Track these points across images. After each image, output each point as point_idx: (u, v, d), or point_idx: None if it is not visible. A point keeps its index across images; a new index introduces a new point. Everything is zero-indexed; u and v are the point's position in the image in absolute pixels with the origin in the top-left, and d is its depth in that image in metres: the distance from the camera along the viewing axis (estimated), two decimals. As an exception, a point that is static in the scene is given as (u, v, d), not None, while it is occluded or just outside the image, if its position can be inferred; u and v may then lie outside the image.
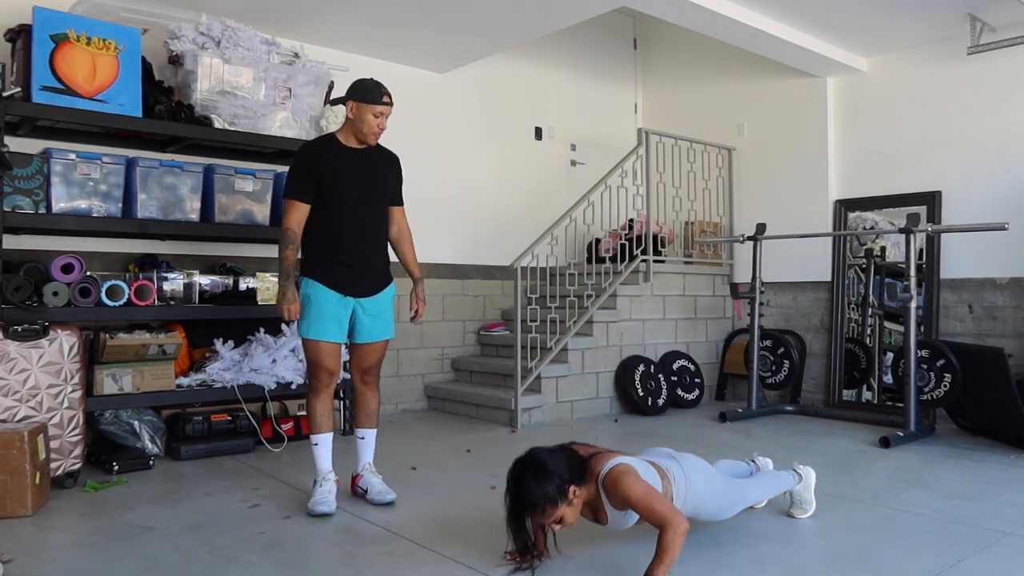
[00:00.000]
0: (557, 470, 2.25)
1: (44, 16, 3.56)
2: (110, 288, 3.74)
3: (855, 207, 5.70)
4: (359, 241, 3.10)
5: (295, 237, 3.02)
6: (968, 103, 5.15)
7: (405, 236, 3.33)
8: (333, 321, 3.05)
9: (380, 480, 3.19)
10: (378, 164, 3.16)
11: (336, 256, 3.06)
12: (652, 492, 2.25)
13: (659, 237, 5.83)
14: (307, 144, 3.21)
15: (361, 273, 3.10)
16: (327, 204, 3.04)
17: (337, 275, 3.05)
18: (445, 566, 2.45)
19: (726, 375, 6.17)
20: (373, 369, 3.22)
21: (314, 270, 3.07)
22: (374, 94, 3.02)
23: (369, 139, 3.08)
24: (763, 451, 3.34)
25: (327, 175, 3.02)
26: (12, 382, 3.23)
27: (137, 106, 3.83)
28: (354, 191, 3.07)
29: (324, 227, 3.06)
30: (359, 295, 3.10)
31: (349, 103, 3.05)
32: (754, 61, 5.96)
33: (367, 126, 3.04)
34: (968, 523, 2.88)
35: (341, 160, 3.06)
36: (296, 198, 3.03)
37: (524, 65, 6.29)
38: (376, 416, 3.28)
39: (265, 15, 4.56)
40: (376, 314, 3.14)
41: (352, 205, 3.06)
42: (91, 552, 2.59)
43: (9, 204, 3.53)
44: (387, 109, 3.05)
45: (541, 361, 5.08)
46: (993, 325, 4.98)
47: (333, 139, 3.13)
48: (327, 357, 3.06)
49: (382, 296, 3.17)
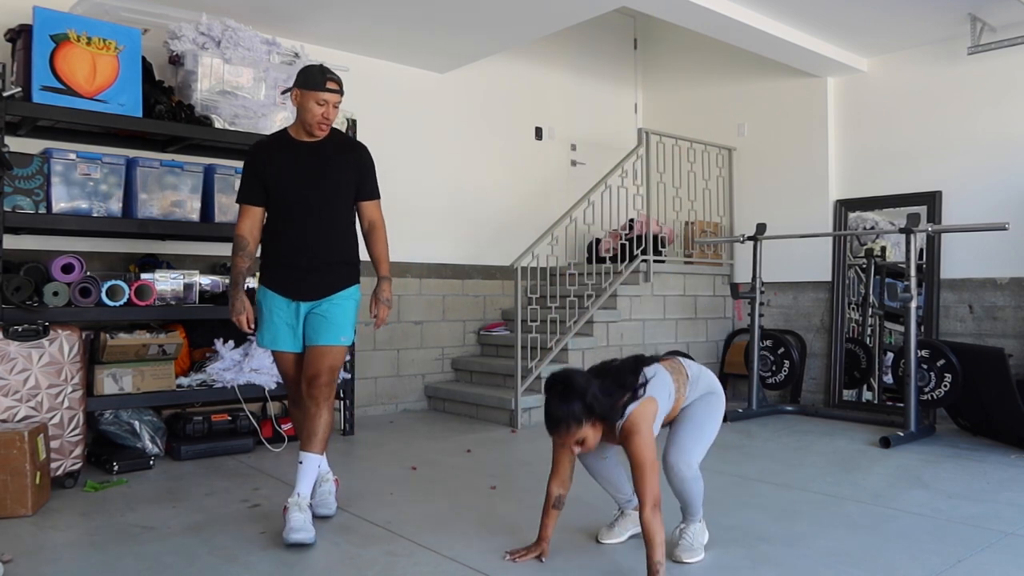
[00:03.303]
0: (583, 396, 2.27)
1: (44, 16, 3.56)
2: (110, 288, 3.74)
3: (855, 207, 5.70)
4: (306, 241, 2.84)
5: (245, 243, 2.85)
6: (968, 103, 5.15)
7: (377, 231, 3.01)
8: (286, 329, 2.86)
9: (305, 517, 2.66)
10: (333, 156, 2.88)
11: (281, 259, 2.86)
12: (653, 463, 2.29)
13: (659, 237, 5.83)
14: (256, 143, 3.01)
15: (308, 274, 2.84)
16: (275, 205, 2.85)
17: (283, 279, 2.85)
18: (445, 566, 2.45)
19: (726, 375, 6.16)
20: (318, 379, 2.80)
21: (266, 276, 2.89)
22: (317, 80, 2.75)
23: (315, 130, 2.81)
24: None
25: (271, 174, 2.83)
26: (12, 382, 3.23)
27: (137, 106, 3.83)
28: (298, 187, 2.83)
29: (273, 229, 2.88)
30: (307, 298, 2.84)
31: (294, 92, 2.81)
32: (754, 61, 5.96)
33: (311, 115, 2.78)
34: (968, 523, 2.88)
35: (288, 156, 2.84)
36: (246, 202, 2.87)
37: (524, 65, 6.30)
38: (322, 439, 2.83)
39: (265, 15, 4.56)
40: (327, 317, 2.83)
41: (297, 203, 2.83)
42: (91, 552, 2.59)
43: (9, 204, 3.53)
44: (333, 97, 2.78)
45: (541, 361, 5.08)
46: (993, 325, 4.98)
47: (284, 134, 2.91)
48: (286, 366, 2.90)
49: (338, 298, 2.87)
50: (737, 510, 3.03)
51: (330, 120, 2.82)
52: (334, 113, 2.81)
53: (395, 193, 5.46)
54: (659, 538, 2.22)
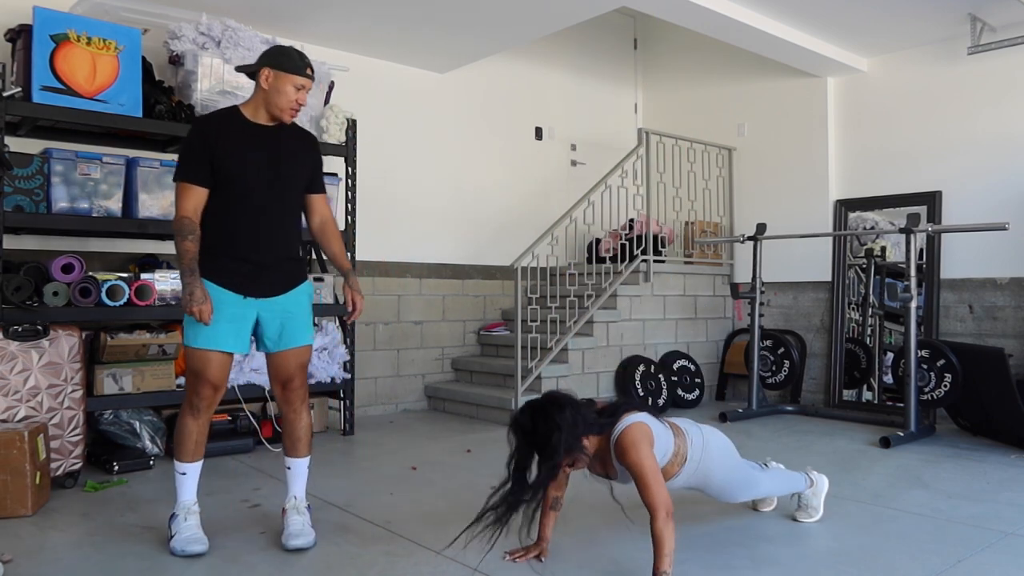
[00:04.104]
0: (576, 411, 2.27)
1: (44, 16, 3.56)
2: (110, 288, 3.74)
3: (855, 207, 5.70)
4: (264, 233, 2.65)
5: (193, 226, 2.54)
6: (968, 103, 5.15)
7: (330, 227, 2.85)
8: (230, 327, 2.58)
9: (303, 520, 2.68)
10: (292, 145, 2.72)
11: (235, 251, 2.61)
12: (656, 473, 2.26)
13: (659, 237, 5.83)
14: (202, 118, 2.76)
15: (265, 269, 2.64)
16: (225, 189, 2.60)
17: (236, 273, 2.60)
18: (445, 566, 2.46)
19: (726, 375, 6.17)
20: (295, 381, 2.70)
21: (208, 268, 2.57)
22: (297, 63, 2.60)
23: (285, 116, 2.64)
24: (763, 451, 3.34)
25: (225, 155, 2.58)
26: (12, 382, 3.23)
27: (137, 106, 3.83)
28: (259, 175, 2.62)
29: (222, 217, 2.61)
30: (264, 295, 2.64)
31: (264, 71, 2.60)
32: (754, 61, 5.96)
33: (285, 99, 2.60)
34: (968, 523, 2.88)
35: (244, 138, 2.62)
36: (190, 181, 2.57)
37: (524, 65, 6.30)
38: (308, 442, 2.77)
39: (265, 15, 4.56)
40: (290, 315, 2.68)
41: (256, 191, 2.62)
42: (91, 552, 2.59)
43: (9, 204, 3.53)
44: (309, 83, 2.64)
45: (541, 361, 5.08)
46: (993, 325, 4.98)
47: (235, 112, 2.67)
48: (216, 370, 2.59)
49: (295, 295, 2.71)
50: (737, 510, 3.03)
51: (303, 106, 2.68)
52: (305, 100, 2.68)
53: (395, 193, 5.49)
54: (668, 547, 2.19)
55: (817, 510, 2.90)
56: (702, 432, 2.56)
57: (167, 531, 2.64)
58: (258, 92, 2.64)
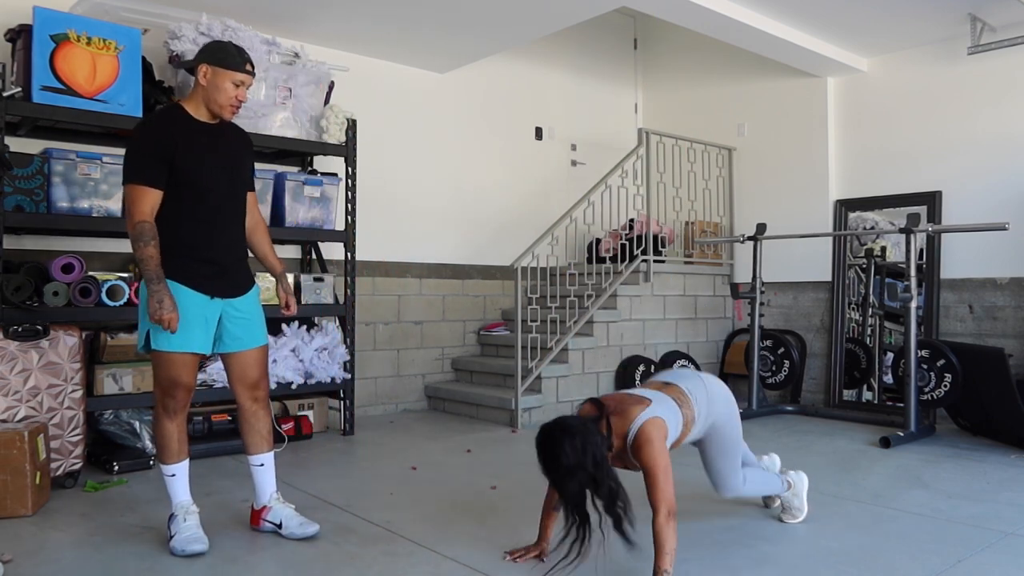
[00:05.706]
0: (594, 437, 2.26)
1: (44, 16, 3.56)
2: (110, 288, 3.74)
3: (855, 207, 5.70)
4: (223, 234, 2.66)
5: (154, 230, 2.50)
6: (968, 103, 5.15)
7: (260, 226, 2.87)
8: (200, 329, 2.57)
9: (294, 511, 2.77)
10: (235, 143, 2.74)
11: (197, 252, 2.59)
12: (666, 471, 2.28)
13: (659, 237, 5.83)
14: (151, 118, 2.72)
15: (227, 270, 2.65)
16: (183, 191, 2.56)
17: (202, 274, 2.59)
18: (445, 566, 2.46)
19: (726, 375, 6.16)
20: (261, 381, 2.76)
21: (173, 268, 2.53)
22: (235, 59, 2.59)
23: (225, 112, 2.62)
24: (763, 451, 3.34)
25: (180, 155, 2.54)
26: (12, 382, 3.23)
27: (137, 106, 3.83)
28: (215, 176, 2.62)
29: (180, 219, 2.58)
30: (228, 295, 2.65)
31: (202, 67, 2.58)
32: (754, 61, 5.96)
33: (224, 96, 2.59)
34: (968, 523, 2.88)
35: (196, 137, 2.59)
36: (146, 183, 2.51)
37: (524, 65, 6.30)
38: (271, 437, 2.85)
39: (265, 15, 4.56)
40: (249, 316, 2.70)
41: (212, 192, 2.62)
42: (91, 552, 2.59)
43: (9, 204, 3.53)
44: (249, 79, 2.63)
45: (541, 361, 5.08)
46: (993, 325, 4.98)
47: (179, 111, 2.63)
48: (187, 372, 2.59)
49: (251, 296, 2.74)
50: (737, 510, 3.03)
51: (243, 103, 2.67)
52: (245, 96, 2.66)
53: (395, 193, 5.49)
54: (669, 546, 2.19)
55: (801, 510, 2.89)
56: (703, 382, 2.61)
57: (167, 531, 2.64)
58: (197, 89, 2.62)
